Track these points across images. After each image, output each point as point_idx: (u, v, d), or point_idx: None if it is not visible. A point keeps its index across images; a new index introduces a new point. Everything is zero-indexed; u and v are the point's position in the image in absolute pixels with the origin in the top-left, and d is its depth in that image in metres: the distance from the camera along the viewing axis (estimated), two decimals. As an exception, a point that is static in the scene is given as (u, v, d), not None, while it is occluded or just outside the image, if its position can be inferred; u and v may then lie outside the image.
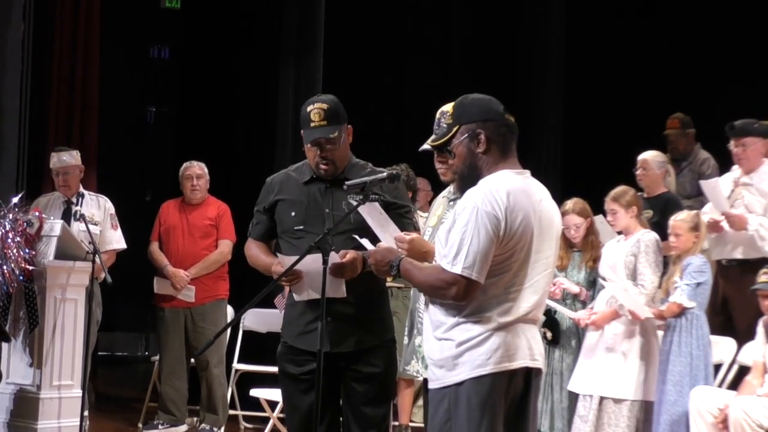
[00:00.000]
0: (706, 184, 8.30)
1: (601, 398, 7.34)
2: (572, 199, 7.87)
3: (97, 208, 8.39)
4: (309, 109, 5.03)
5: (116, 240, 8.46)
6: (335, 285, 4.85)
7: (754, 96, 10.33)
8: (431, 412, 4.22)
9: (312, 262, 4.72)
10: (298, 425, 5.09)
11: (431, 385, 4.22)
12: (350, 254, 4.76)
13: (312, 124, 5.01)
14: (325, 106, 5.02)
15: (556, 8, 11.65)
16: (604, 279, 7.56)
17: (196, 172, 8.93)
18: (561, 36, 11.66)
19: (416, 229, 5.12)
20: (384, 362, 5.09)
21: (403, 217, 5.04)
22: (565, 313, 7.65)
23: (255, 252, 5.22)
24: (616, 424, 7.27)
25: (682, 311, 7.25)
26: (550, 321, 7.65)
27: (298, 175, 5.17)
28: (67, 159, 8.39)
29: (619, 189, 7.67)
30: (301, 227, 5.03)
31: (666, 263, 7.63)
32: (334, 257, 4.78)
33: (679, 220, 7.42)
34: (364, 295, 4.99)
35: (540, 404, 7.63)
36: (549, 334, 7.68)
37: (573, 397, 7.61)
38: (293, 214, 5.07)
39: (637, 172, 8.61)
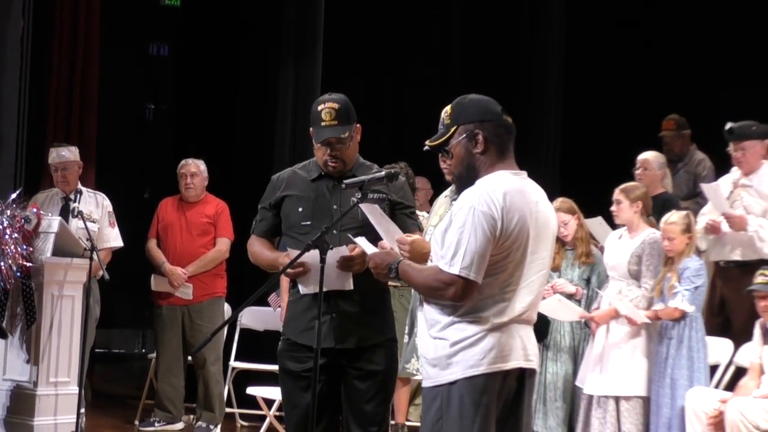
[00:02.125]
0: (707, 187, 8.31)
1: (617, 397, 7.36)
2: (558, 199, 7.91)
3: (95, 205, 8.38)
4: (320, 108, 5.04)
5: (113, 238, 8.46)
6: (343, 278, 4.87)
7: (751, 97, 10.34)
8: (424, 410, 4.23)
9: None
10: (297, 423, 5.08)
11: (424, 384, 4.24)
12: (359, 248, 4.76)
13: (322, 123, 5.02)
14: (336, 105, 5.03)
15: (555, 10, 11.65)
16: (598, 288, 7.61)
17: (191, 170, 8.93)
18: (560, 37, 11.67)
19: (420, 230, 5.15)
20: (385, 360, 5.09)
21: (408, 218, 5.08)
22: (572, 316, 7.68)
23: (258, 248, 5.20)
24: (630, 422, 7.30)
25: (682, 315, 7.27)
26: (539, 317, 7.66)
27: (305, 172, 5.18)
28: (66, 154, 8.39)
29: (631, 184, 7.75)
30: (308, 222, 5.02)
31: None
32: (344, 250, 4.79)
33: (670, 223, 7.41)
34: (368, 292, 4.99)
35: (534, 404, 7.67)
36: (576, 318, 7.69)
37: (568, 397, 7.64)
38: (300, 209, 5.07)
39: (637, 172, 8.62)
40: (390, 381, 5.17)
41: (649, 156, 8.72)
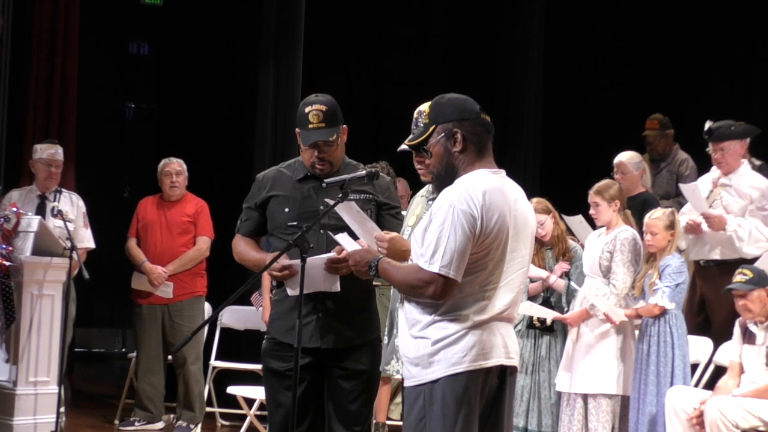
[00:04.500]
0: (685, 188, 8.33)
1: (585, 395, 7.39)
2: (534, 199, 7.91)
3: (71, 205, 8.39)
4: (307, 110, 5.03)
5: (87, 239, 8.48)
6: (330, 280, 4.87)
7: (732, 96, 10.39)
8: (406, 409, 4.23)
9: (309, 259, 4.72)
10: (281, 422, 5.07)
11: (407, 383, 4.23)
12: (347, 251, 4.76)
13: (310, 126, 5.01)
14: (323, 107, 5.02)
15: (535, 8, 11.66)
16: (576, 287, 7.62)
17: (176, 168, 8.93)
18: (540, 36, 11.68)
19: (403, 230, 5.15)
20: (370, 360, 5.10)
21: (394, 218, 5.09)
22: (547, 316, 7.69)
23: (243, 248, 5.19)
24: (596, 419, 7.32)
25: (662, 312, 7.29)
26: (548, 307, 7.70)
27: (290, 172, 5.17)
28: (61, 153, 8.43)
29: (603, 182, 7.71)
30: (295, 223, 5.02)
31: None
32: (331, 253, 4.81)
33: (654, 218, 7.44)
34: (354, 292, 4.99)
35: (528, 402, 7.70)
36: (549, 320, 7.70)
37: (560, 395, 7.66)
38: (287, 210, 5.07)
39: (616, 177, 8.61)
40: (374, 381, 5.17)
41: (623, 158, 8.72)
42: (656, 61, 11.33)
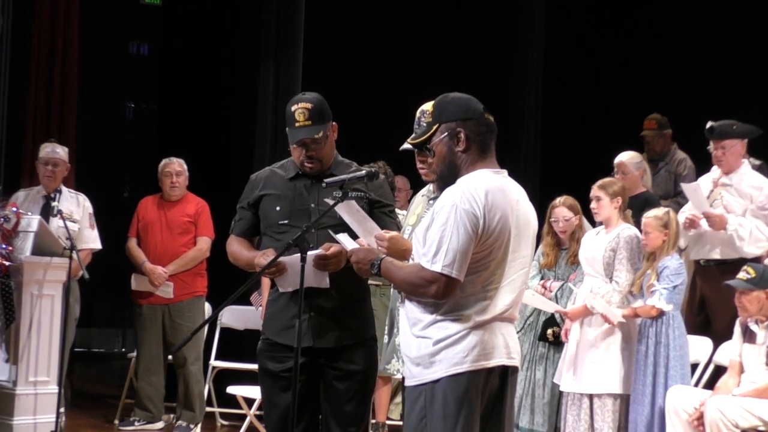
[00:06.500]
0: (687, 187, 8.33)
1: (591, 395, 7.39)
2: (563, 196, 7.93)
3: (76, 205, 8.36)
4: (293, 108, 5.03)
5: (93, 239, 8.43)
6: (319, 276, 4.87)
7: (732, 97, 10.39)
8: (407, 409, 4.23)
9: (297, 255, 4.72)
10: (276, 423, 5.07)
11: (408, 383, 4.24)
12: (335, 247, 4.77)
13: (296, 124, 5.01)
14: (309, 105, 5.01)
15: (535, 8, 11.67)
16: (573, 287, 7.62)
17: (176, 169, 8.93)
18: (540, 36, 11.69)
19: (399, 228, 5.14)
20: (365, 360, 5.09)
21: (387, 216, 5.08)
22: (547, 309, 7.69)
23: (237, 248, 5.19)
24: (602, 419, 7.32)
25: (659, 314, 7.29)
26: (557, 322, 7.70)
27: (283, 171, 5.17)
28: (60, 152, 8.40)
29: (608, 179, 7.73)
30: (286, 221, 5.02)
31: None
32: (319, 249, 4.80)
33: (650, 217, 7.44)
34: (347, 291, 4.99)
35: (521, 400, 7.69)
36: (562, 336, 7.70)
37: (554, 394, 7.65)
38: (278, 208, 5.07)
39: (617, 176, 8.61)
40: (369, 381, 5.16)
41: (624, 158, 8.71)
42: (656, 61, 11.34)
